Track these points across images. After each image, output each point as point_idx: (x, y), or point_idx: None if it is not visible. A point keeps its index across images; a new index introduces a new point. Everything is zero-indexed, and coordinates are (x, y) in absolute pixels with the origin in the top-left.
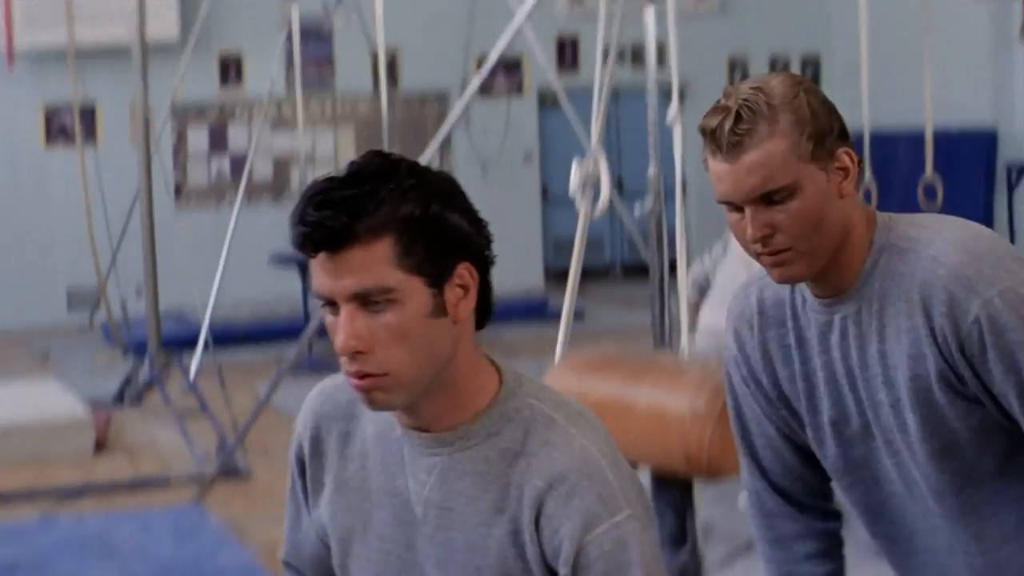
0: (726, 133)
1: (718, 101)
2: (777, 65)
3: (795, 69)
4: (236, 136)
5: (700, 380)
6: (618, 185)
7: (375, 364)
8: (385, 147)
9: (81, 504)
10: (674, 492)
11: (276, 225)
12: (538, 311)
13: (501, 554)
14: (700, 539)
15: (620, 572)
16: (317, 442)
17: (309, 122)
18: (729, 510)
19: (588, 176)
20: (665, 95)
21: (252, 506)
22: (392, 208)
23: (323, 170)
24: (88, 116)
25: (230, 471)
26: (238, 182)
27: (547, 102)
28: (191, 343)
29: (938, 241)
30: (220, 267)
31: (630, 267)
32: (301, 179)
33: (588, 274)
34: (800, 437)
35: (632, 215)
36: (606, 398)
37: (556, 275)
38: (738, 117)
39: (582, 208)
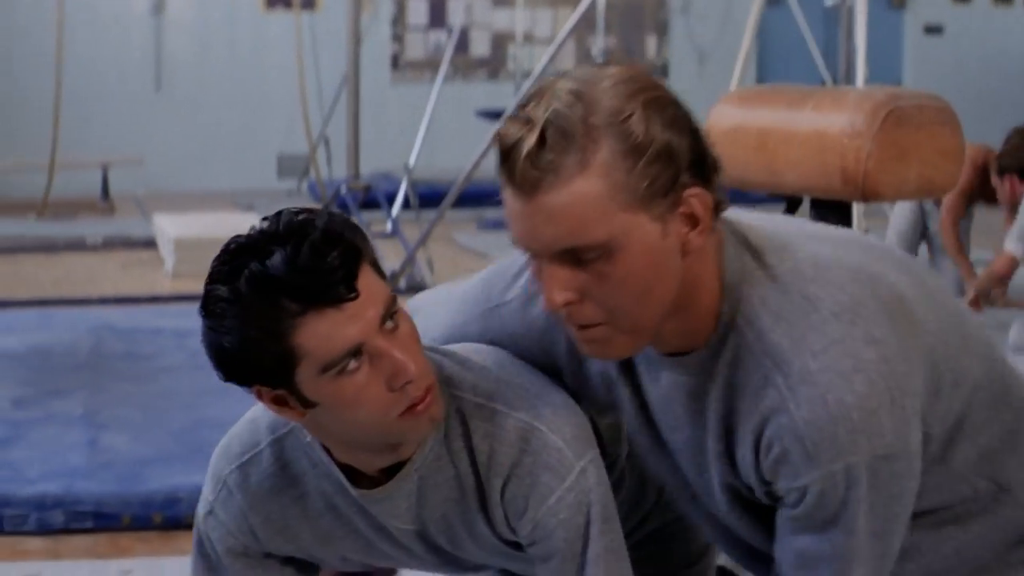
0: (521, 161)
1: (525, 102)
2: None
3: None
4: (455, 11)
5: (861, 99)
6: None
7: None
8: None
9: None
10: (832, 221)
11: (492, 100)
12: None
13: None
14: None
15: None
16: None
17: (529, 1)
18: None
19: None
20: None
21: None
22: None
23: (541, 50)
24: None
25: (414, 286)
26: (455, 56)
27: None
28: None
29: (796, 363)
30: (423, 125)
31: None
32: (516, 58)
33: None
34: None
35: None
36: (770, 125)
37: None
38: (541, 139)
39: None
